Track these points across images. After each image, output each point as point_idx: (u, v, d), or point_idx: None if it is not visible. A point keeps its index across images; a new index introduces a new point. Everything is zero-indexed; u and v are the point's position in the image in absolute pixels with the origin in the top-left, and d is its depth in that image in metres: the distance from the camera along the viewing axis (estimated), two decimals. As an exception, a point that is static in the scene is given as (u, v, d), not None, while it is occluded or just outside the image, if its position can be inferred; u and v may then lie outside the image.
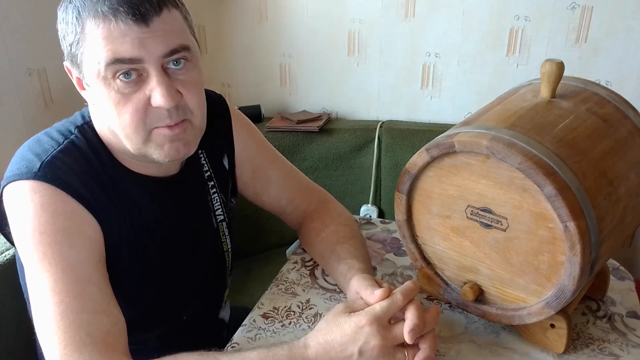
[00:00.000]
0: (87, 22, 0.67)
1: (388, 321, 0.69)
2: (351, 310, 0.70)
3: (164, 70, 0.70)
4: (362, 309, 0.70)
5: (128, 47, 0.67)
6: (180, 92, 0.72)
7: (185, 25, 0.73)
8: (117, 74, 0.68)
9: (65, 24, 0.70)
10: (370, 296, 0.72)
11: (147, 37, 0.67)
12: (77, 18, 0.68)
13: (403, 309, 0.70)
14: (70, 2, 0.69)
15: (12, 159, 0.75)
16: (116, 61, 0.67)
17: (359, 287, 0.76)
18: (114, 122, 0.72)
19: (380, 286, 0.74)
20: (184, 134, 0.74)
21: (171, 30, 0.69)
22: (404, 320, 0.69)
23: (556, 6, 1.69)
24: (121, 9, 0.66)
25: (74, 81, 0.75)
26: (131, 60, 0.67)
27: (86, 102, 0.78)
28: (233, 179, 0.97)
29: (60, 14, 0.71)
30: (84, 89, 0.74)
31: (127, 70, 0.68)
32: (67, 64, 0.74)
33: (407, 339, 0.67)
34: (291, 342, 0.69)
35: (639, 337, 0.79)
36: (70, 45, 0.70)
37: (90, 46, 0.68)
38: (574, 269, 0.67)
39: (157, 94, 0.69)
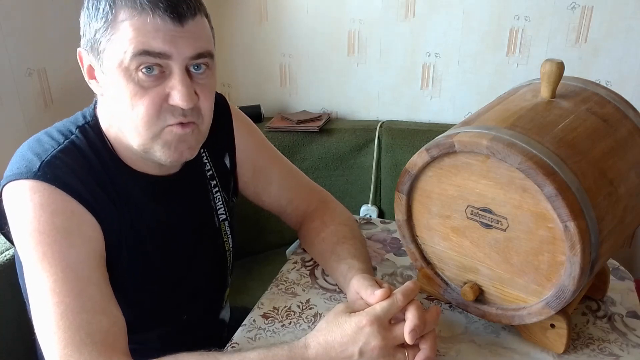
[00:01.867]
0: (122, 11, 0.68)
1: (388, 321, 0.69)
2: (351, 310, 0.70)
3: (188, 71, 0.72)
4: (363, 309, 0.70)
5: (159, 42, 0.68)
6: (197, 95, 0.73)
7: (211, 35, 0.75)
8: (141, 67, 0.69)
9: (96, 9, 0.70)
10: (371, 296, 0.72)
11: (179, 36, 0.69)
12: (110, 5, 0.69)
13: (403, 310, 0.70)
14: None
15: (12, 158, 0.75)
16: (144, 53, 0.68)
17: (359, 287, 0.76)
18: (126, 114, 0.72)
19: (380, 286, 0.74)
20: (191, 136, 0.75)
21: (201, 35, 0.72)
22: (404, 320, 0.69)
23: (556, 6, 1.69)
24: (161, 4, 0.67)
25: (84, 70, 0.76)
26: (160, 55, 0.69)
27: (95, 94, 0.78)
28: (234, 178, 0.97)
29: None
30: (95, 78, 0.75)
31: (151, 64, 0.69)
32: (82, 50, 0.74)
33: (408, 339, 0.67)
34: (291, 342, 0.69)
35: (639, 337, 0.79)
36: (97, 30, 0.70)
37: (119, 34, 0.69)
38: (574, 269, 0.67)
39: (177, 93, 0.70)
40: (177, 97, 0.70)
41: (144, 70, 0.69)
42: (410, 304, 0.70)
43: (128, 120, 0.72)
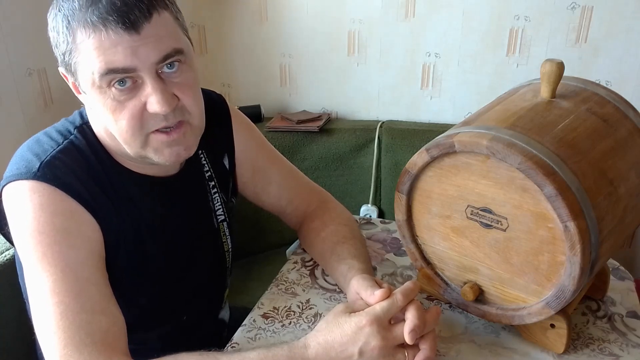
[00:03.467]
0: (78, 32, 0.66)
1: (388, 322, 0.69)
2: (351, 310, 0.70)
3: (159, 76, 0.69)
4: (363, 310, 0.70)
5: (120, 57, 0.66)
6: (177, 96, 0.71)
7: (176, 26, 0.72)
8: (112, 82, 0.68)
9: (57, 32, 0.69)
10: (370, 297, 0.72)
11: (139, 45, 0.66)
12: (67, 27, 0.67)
13: (403, 310, 0.70)
14: (59, 11, 0.68)
15: (11, 159, 0.75)
16: (110, 71, 0.66)
17: (358, 287, 0.76)
18: (112, 128, 0.72)
19: (380, 286, 0.74)
20: (183, 138, 0.74)
21: (163, 35, 0.68)
22: (404, 320, 0.69)
23: (556, 6, 1.69)
24: (110, 18, 0.64)
25: (70, 86, 0.75)
26: (125, 70, 0.67)
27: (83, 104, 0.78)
28: (233, 179, 0.97)
29: (51, 21, 0.70)
30: (81, 93, 0.74)
31: (121, 78, 0.68)
32: (62, 70, 0.74)
33: (408, 339, 0.67)
34: (291, 342, 0.69)
35: (639, 337, 0.79)
36: (64, 54, 0.70)
37: (83, 56, 0.67)
38: (574, 269, 0.67)
39: (152, 100, 0.69)
40: (154, 104, 0.68)
41: (116, 85, 0.68)
42: (410, 304, 0.70)
43: (116, 133, 0.72)
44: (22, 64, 1.46)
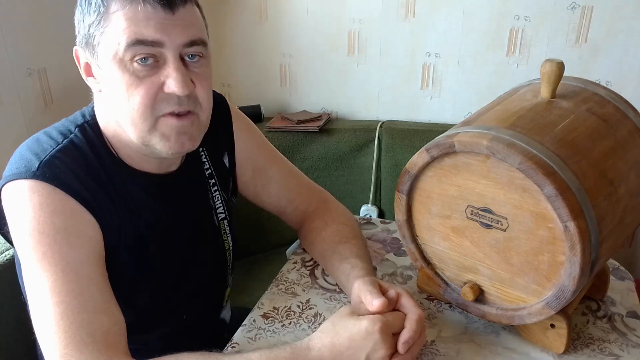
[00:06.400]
0: (113, 3, 0.69)
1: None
2: (357, 313, 0.71)
3: (182, 59, 0.72)
4: (367, 314, 0.70)
5: (151, 31, 0.68)
6: (193, 83, 0.73)
7: (203, 24, 0.76)
8: (135, 57, 0.69)
9: (88, 4, 0.71)
10: (369, 305, 0.72)
11: (170, 24, 0.69)
12: None
13: (399, 306, 0.72)
14: None
15: (10, 158, 0.75)
16: (137, 42, 0.68)
17: (360, 291, 0.75)
18: (122, 106, 0.72)
19: (382, 289, 0.74)
20: (191, 127, 0.75)
21: (193, 23, 0.72)
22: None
23: (556, 6, 1.69)
24: None
25: (81, 68, 0.76)
26: (152, 43, 0.69)
27: (91, 93, 0.78)
28: (233, 178, 0.97)
29: None
30: (92, 74, 0.75)
31: (146, 54, 0.69)
32: (78, 48, 0.75)
33: (401, 348, 0.69)
34: (293, 343, 0.69)
35: (639, 337, 0.79)
36: (90, 25, 0.71)
37: (112, 26, 0.69)
38: (574, 269, 0.67)
39: (172, 81, 0.70)
40: (172, 84, 0.70)
41: (138, 60, 0.69)
42: (413, 315, 0.71)
43: (125, 112, 0.72)
44: (22, 64, 1.46)
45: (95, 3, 0.70)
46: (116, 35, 0.69)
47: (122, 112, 0.73)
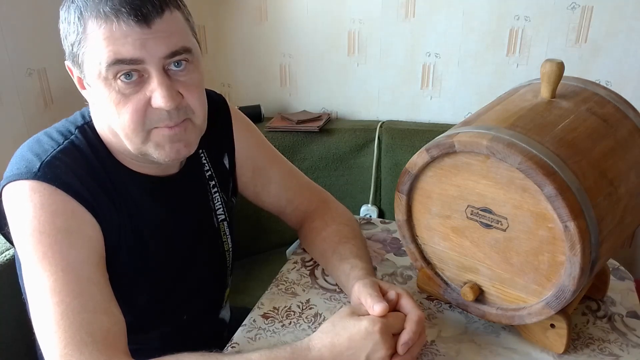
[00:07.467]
0: (89, 23, 0.67)
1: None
2: (357, 314, 0.71)
3: (165, 72, 0.70)
4: (367, 314, 0.71)
5: (129, 48, 0.67)
6: (181, 94, 0.72)
7: (186, 26, 0.73)
8: (118, 75, 0.68)
9: (67, 23, 0.70)
10: (370, 310, 0.72)
11: (148, 38, 0.67)
12: (79, 18, 0.68)
13: (399, 306, 0.72)
14: (72, 2, 0.69)
15: (11, 158, 0.75)
16: (117, 62, 0.67)
17: (360, 293, 0.75)
18: (114, 122, 0.72)
19: (382, 290, 0.74)
20: (185, 133, 0.74)
21: (173, 32, 0.70)
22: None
23: (556, 6, 1.69)
24: (123, 9, 0.66)
25: (75, 81, 0.76)
26: (132, 61, 0.67)
27: (87, 102, 0.78)
28: (233, 179, 0.97)
29: (63, 13, 0.71)
30: (85, 88, 0.75)
31: (128, 71, 0.68)
32: (68, 63, 0.74)
33: (400, 349, 0.69)
34: (293, 343, 0.69)
35: (639, 337, 0.79)
36: (72, 45, 0.70)
37: (91, 46, 0.68)
38: (574, 269, 0.67)
39: (157, 95, 0.69)
40: (158, 99, 0.69)
41: (122, 77, 0.68)
42: (413, 316, 0.71)
43: (118, 128, 0.72)
44: (22, 64, 1.46)
45: (74, 23, 0.69)
46: (97, 55, 0.68)
47: (115, 126, 0.73)
